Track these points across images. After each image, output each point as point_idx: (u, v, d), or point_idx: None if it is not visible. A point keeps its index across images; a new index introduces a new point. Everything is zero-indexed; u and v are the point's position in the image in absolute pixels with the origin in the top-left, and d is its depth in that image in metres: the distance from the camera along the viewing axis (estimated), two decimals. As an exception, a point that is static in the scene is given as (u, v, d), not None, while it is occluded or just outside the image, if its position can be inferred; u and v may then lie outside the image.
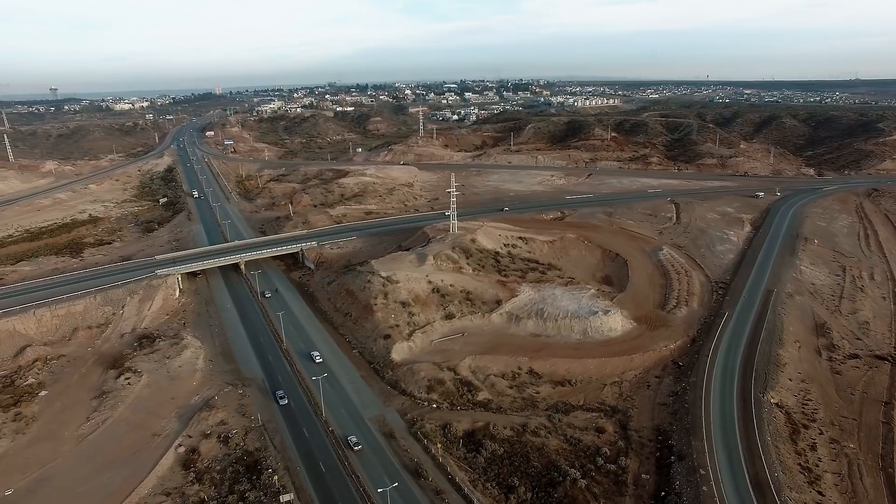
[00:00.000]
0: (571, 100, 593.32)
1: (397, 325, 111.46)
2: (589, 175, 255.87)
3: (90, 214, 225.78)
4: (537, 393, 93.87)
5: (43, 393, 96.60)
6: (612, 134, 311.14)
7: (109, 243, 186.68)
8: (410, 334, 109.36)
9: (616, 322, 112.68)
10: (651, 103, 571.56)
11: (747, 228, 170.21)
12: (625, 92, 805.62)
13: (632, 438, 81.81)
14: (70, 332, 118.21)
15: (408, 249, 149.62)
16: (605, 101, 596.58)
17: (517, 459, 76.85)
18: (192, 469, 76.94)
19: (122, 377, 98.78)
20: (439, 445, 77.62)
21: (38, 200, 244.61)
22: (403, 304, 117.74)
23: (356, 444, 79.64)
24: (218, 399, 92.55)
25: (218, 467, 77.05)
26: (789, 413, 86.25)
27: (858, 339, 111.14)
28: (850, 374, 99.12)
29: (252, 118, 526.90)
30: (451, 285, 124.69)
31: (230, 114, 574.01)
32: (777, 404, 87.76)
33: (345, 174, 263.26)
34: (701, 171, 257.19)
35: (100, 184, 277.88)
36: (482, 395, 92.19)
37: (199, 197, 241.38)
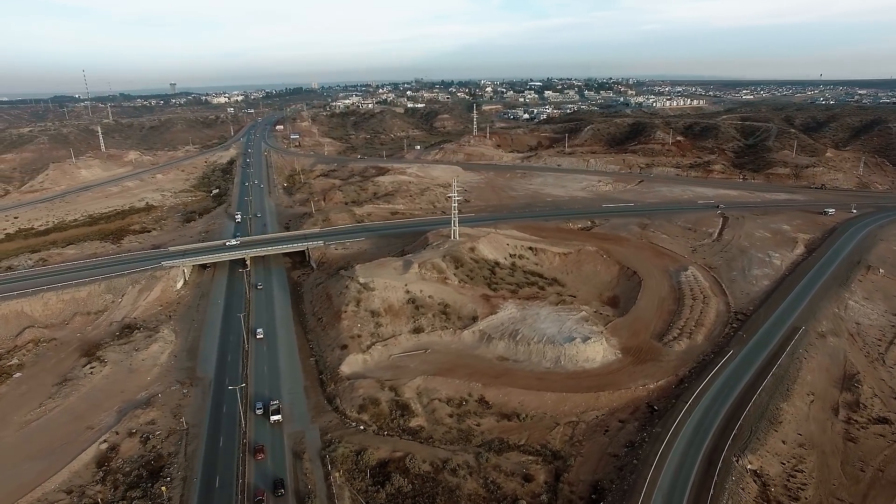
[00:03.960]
0: (651, 100, 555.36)
1: (359, 336, 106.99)
2: (640, 182, 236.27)
3: (147, 203, 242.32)
4: (478, 425, 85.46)
5: (17, 375, 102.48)
6: (678, 138, 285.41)
7: (149, 231, 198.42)
8: (369, 347, 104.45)
9: (595, 351, 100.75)
10: (741, 105, 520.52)
11: (798, 250, 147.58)
12: (717, 92, 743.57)
13: (560, 493, 71.60)
14: (70, 317, 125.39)
15: (404, 254, 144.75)
16: (689, 101, 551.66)
17: (422, 501, 69.70)
18: (104, 468, 77.41)
19: (88, 366, 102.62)
20: (337, 474, 72.20)
21: (109, 188, 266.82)
22: (374, 313, 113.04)
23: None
24: (160, 397, 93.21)
25: (127, 469, 76.93)
26: (767, 485, 71.60)
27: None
28: (870, 443, 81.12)
29: (324, 113, 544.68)
30: (429, 296, 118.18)
31: (305, 108, 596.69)
32: (755, 472, 73.24)
33: (385, 172, 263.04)
34: (769, 182, 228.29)
35: (166, 174, 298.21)
36: (415, 422, 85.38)
37: (248, 184, 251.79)
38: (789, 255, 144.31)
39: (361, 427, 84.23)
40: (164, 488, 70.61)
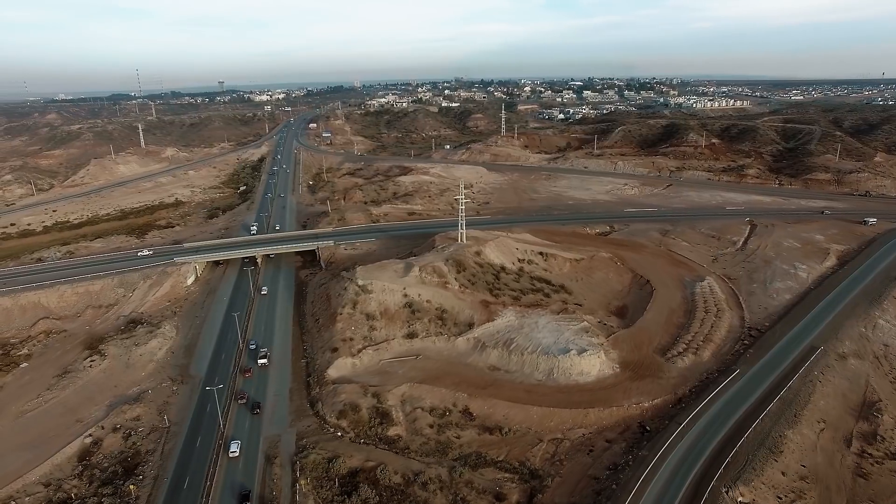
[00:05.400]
0: (692, 100, 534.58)
1: (351, 339, 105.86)
2: (668, 185, 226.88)
3: (176, 198, 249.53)
4: (458, 437, 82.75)
5: (24, 365, 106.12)
6: (712, 140, 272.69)
7: (173, 227, 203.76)
8: (360, 350, 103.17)
9: (591, 365, 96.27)
10: (788, 106, 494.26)
11: (829, 263, 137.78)
12: (764, 93, 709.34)
13: (531, 514, 68.26)
14: (83, 310, 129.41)
15: (412, 256, 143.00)
16: (732, 102, 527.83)
17: (387, 515, 67.76)
18: (84, 462, 78.74)
19: (89, 359, 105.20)
20: (303, 483, 70.98)
21: (143, 183, 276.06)
22: (369, 316, 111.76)
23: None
24: (150, 393, 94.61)
25: (105, 464, 78.08)
26: (758, 519, 66.32)
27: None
28: (883, 481, 73.97)
29: (359, 112, 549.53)
30: (427, 301, 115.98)
31: (339, 107, 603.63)
32: (745, 504, 67.99)
33: (408, 171, 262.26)
34: (807, 188, 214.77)
35: (198, 170, 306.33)
36: (394, 431, 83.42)
37: (273, 181, 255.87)
38: (818, 267, 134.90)
39: (339, 433, 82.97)
40: (132, 487, 71.11)
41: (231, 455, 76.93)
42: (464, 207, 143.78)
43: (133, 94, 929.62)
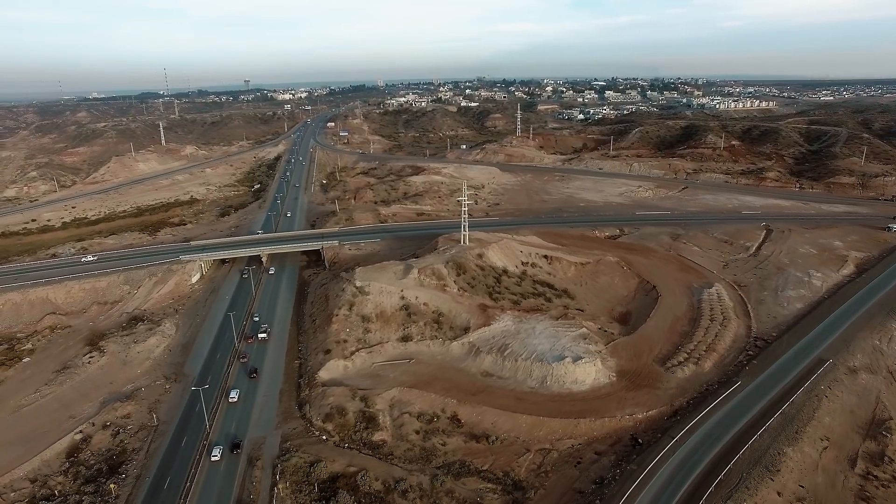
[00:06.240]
0: (715, 101, 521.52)
1: (345, 341, 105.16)
2: (683, 188, 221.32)
3: (192, 196, 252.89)
4: (443, 444, 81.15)
5: (26, 359, 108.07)
6: (732, 142, 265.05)
7: (185, 224, 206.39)
8: (353, 353, 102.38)
9: (585, 373, 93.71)
10: (816, 107, 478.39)
11: (846, 270, 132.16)
12: (793, 93, 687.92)
13: (511, 528, 66.39)
14: (88, 306, 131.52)
15: (416, 257, 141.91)
16: (758, 103, 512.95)
17: (363, 523, 66.66)
18: (72, 459, 79.49)
19: (88, 355, 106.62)
20: (282, 487, 70.34)
21: (160, 181, 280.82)
22: (364, 318, 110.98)
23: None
24: (143, 391, 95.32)
25: (91, 461, 78.68)
26: (748, 541, 63.31)
27: (935, 451, 78.79)
28: None
29: (377, 111, 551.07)
30: (424, 304, 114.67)
31: (359, 106, 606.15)
32: (736, 525, 65.02)
33: (420, 171, 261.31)
34: (830, 192, 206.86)
35: (215, 168, 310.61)
36: (379, 436, 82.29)
37: (286, 180, 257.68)
38: (833, 275, 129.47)
39: (324, 437, 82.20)
40: (112, 486, 71.41)
41: (230, 401, 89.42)
42: (466, 209, 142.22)
43: (162, 92, 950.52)
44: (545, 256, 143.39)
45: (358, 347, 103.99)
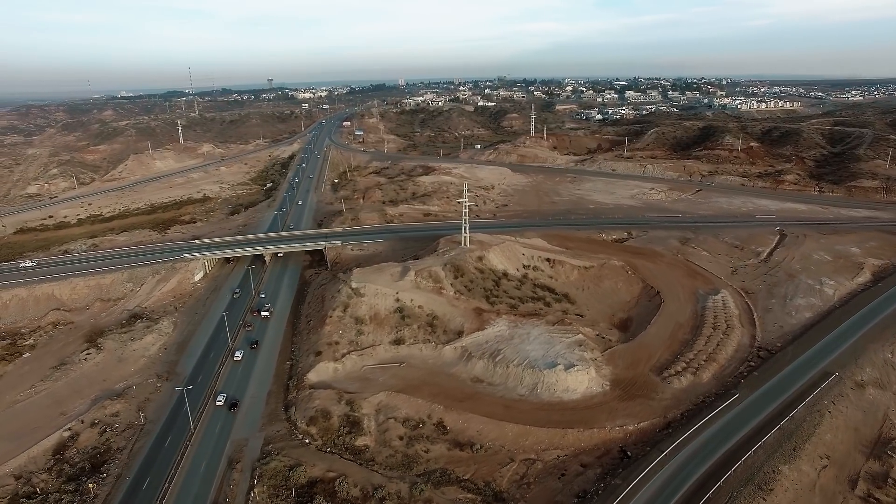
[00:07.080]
0: (737, 101, 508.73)
1: (337, 343, 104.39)
2: (697, 191, 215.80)
3: (204, 194, 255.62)
4: (426, 451, 79.68)
5: (26, 355, 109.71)
6: (751, 144, 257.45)
7: (195, 222, 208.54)
8: (344, 355, 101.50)
9: (578, 381, 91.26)
10: (843, 107, 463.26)
11: (861, 278, 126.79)
12: (820, 93, 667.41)
13: (487, 541, 64.60)
14: (92, 302, 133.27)
15: (417, 259, 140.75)
16: (782, 103, 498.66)
17: (337, 530, 65.62)
18: (58, 456, 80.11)
19: (86, 352, 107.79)
20: (258, 491, 69.72)
21: (175, 178, 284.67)
22: (358, 320, 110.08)
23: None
24: (134, 389, 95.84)
25: (76, 459, 79.17)
26: (734, 564, 60.49)
27: (943, 472, 74.56)
28: (887, 527, 66.55)
29: (394, 110, 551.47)
30: (419, 307, 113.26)
31: (376, 105, 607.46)
32: (722, 545, 62.24)
33: (430, 171, 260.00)
34: (851, 196, 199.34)
35: (230, 166, 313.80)
36: (362, 441, 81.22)
37: (298, 179, 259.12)
38: (847, 283, 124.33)
39: (306, 440, 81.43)
40: (91, 485, 71.61)
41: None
42: (467, 210, 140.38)
43: (186, 91, 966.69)
44: (548, 259, 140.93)
45: (349, 350, 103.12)
